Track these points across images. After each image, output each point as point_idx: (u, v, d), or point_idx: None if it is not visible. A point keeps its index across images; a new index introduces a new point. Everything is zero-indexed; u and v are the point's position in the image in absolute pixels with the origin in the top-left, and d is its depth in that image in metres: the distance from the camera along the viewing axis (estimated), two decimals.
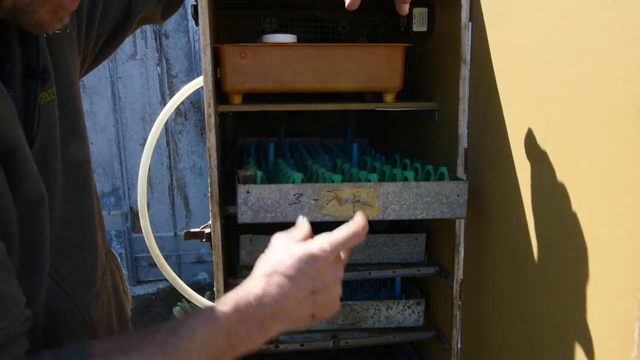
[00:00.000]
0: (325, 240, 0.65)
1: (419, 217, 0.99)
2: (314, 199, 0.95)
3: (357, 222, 0.66)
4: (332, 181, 0.99)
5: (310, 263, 0.63)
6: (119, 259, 0.95)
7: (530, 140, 0.87)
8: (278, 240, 0.68)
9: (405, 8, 0.83)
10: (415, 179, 1.02)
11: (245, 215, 0.94)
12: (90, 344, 0.57)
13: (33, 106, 0.65)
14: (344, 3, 0.84)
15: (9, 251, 0.59)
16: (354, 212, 0.97)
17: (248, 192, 0.93)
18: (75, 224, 0.74)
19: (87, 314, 0.74)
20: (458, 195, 0.99)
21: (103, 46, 0.91)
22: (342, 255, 0.67)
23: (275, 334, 0.64)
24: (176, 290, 1.82)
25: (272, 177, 1.18)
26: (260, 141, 1.59)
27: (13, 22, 0.62)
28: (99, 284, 0.79)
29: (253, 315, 0.61)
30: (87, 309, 0.74)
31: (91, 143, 3.38)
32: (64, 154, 0.71)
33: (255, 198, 0.94)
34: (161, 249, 1.79)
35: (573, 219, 0.77)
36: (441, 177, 1.02)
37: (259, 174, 0.98)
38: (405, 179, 1.00)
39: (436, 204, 0.99)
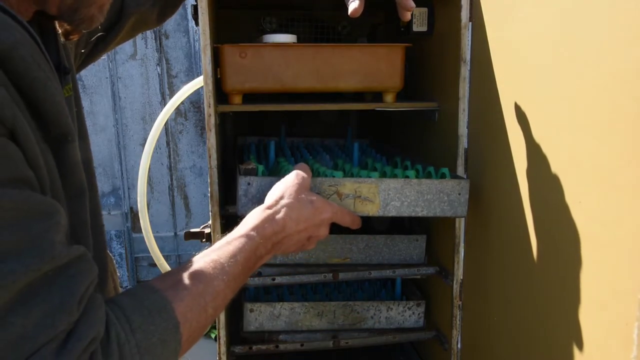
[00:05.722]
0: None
1: (420, 214, 0.99)
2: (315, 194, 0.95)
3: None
4: (334, 177, 0.98)
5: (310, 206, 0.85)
6: (114, 262, 0.96)
7: (530, 140, 0.88)
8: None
9: (408, 15, 0.88)
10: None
11: (245, 207, 0.92)
12: (152, 284, 0.65)
13: None
14: (347, 9, 0.85)
15: None
16: (355, 208, 0.96)
17: (249, 183, 0.93)
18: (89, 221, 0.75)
19: None
20: (459, 194, 0.98)
21: (93, 48, 0.91)
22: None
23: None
24: None
25: (273, 174, 1.17)
26: (261, 141, 1.59)
27: (65, 19, 0.65)
28: (108, 282, 0.81)
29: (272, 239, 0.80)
30: None
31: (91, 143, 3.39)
32: (80, 150, 0.72)
33: (256, 190, 0.93)
34: (161, 249, 1.79)
35: (573, 218, 0.77)
36: (442, 177, 1.02)
37: (260, 167, 0.98)
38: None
39: (437, 202, 0.98)
